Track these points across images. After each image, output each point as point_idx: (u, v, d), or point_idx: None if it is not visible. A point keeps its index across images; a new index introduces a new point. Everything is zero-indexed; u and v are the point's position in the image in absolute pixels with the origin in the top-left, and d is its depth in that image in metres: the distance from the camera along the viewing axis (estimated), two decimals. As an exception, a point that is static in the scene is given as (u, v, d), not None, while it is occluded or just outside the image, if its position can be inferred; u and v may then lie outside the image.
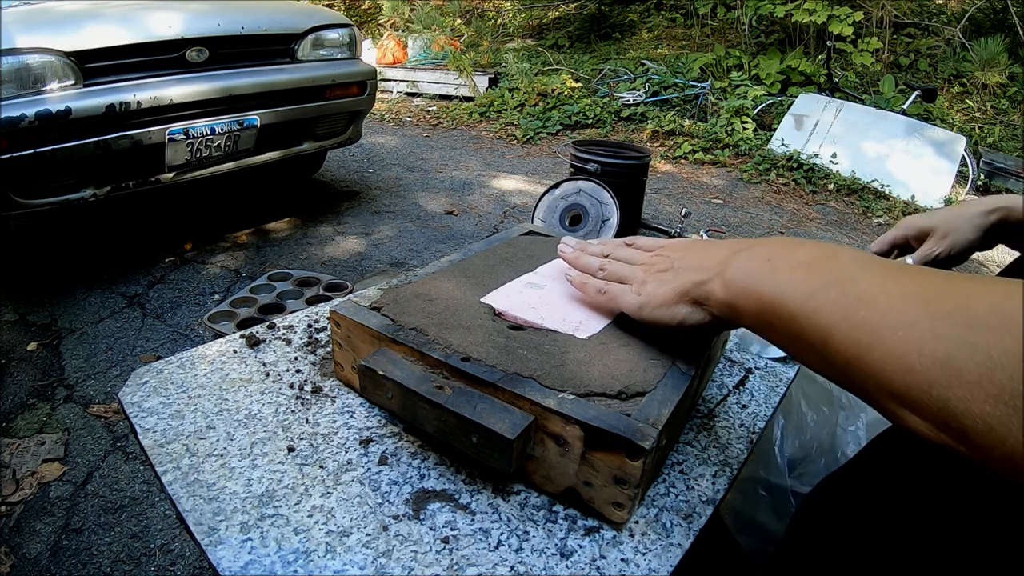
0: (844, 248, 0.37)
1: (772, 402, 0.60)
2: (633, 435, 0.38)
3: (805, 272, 0.36)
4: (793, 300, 0.35)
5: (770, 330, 0.38)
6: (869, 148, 4.05)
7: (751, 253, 0.40)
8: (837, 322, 0.32)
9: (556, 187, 2.64)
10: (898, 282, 0.31)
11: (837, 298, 0.33)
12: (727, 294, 0.40)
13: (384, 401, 0.46)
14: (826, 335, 0.32)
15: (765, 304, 0.37)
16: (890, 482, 0.43)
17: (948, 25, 5.35)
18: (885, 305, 0.30)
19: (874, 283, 0.32)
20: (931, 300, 0.29)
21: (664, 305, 0.45)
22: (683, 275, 0.44)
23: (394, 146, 4.50)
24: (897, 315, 0.29)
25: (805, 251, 0.38)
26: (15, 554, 1.21)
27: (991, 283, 0.28)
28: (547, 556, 0.39)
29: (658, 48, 6.13)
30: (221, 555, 0.37)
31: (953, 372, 0.26)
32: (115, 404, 1.64)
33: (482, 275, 0.60)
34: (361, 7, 8.24)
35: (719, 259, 0.42)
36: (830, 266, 0.35)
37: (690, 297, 0.43)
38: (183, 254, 2.51)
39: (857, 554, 0.42)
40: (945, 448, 0.27)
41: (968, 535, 0.36)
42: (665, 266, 0.47)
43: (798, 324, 0.34)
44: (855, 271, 0.34)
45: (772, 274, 0.37)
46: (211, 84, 2.21)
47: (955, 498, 0.37)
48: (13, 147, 1.80)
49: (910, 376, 0.28)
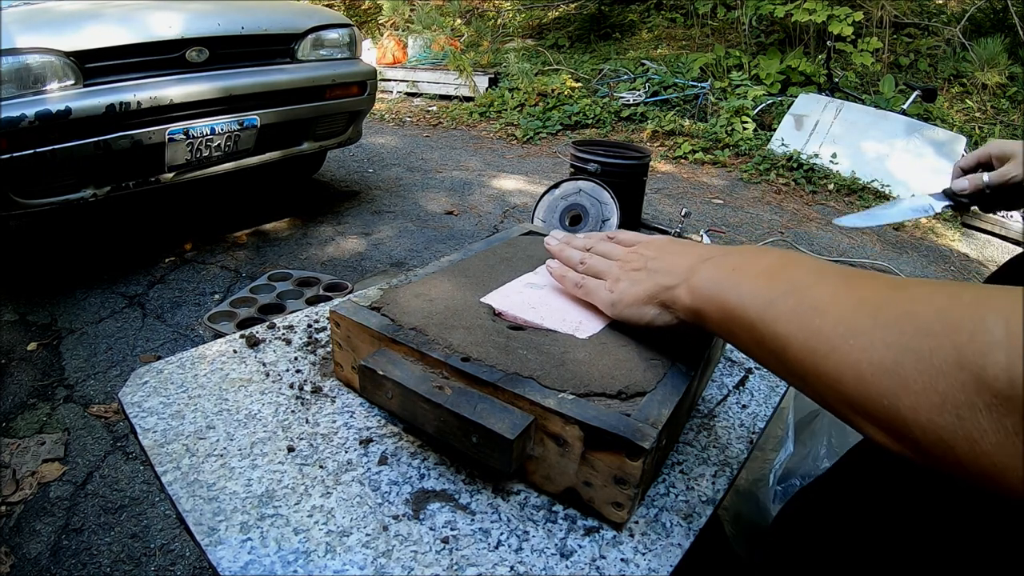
0: (805, 257, 0.38)
1: (772, 402, 0.60)
2: (633, 435, 0.38)
3: (766, 280, 0.36)
4: (753, 308, 0.36)
5: (733, 337, 0.38)
6: (869, 148, 4.05)
7: (719, 261, 0.41)
8: (794, 331, 0.32)
9: (556, 187, 2.64)
10: (851, 290, 0.31)
11: (793, 307, 0.33)
12: (692, 301, 0.41)
13: (384, 401, 0.46)
14: (784, 343, 0.33)
15: (728, 312, 0.38)
16: (864, 492, 0.43)
17: (948, 25, 5.35)
18: (836, 314, 0.30)
19: (828, 292, 0.32)
20: (880, 307, 0.29)
21: (634, 305, 0.46)
22: (653, 277, 0.45)
23: (394, 146, 4.50)
24: (848, 323, 0.29)
25: (767, 260, 0.38)
26: (15, 554, 1.21)
27: (941, 288, 0.28)
28: (547, 556, 0.39)
29: (658, 48, 6.13)
30: (221, 555, 0.37)
31: (901, 381, 0.26)
32: (115, 404, 1.64)
33: (482, 275, 0.60)
34: (361, 7, 8.24)
35: (687, 265, 0.43)
36: (788, 274, 0.36)
37: (658, 300, 0.44)
38: (183, 254, 2.51)
39: (832, 563, 0.42)
40: (904, 457, 0.27)
41: (942, 542, 0.36)
42: (639, 265, 0.47)
43: (758, 332, 0.35)
44: (811, 280, 0.34)
45: (736, 283, 0.38)
46: (211, 84, 2.21)
47: (929, 506, 0.37)
48: (13, 147, 1.80)
49: (862, 386, 0.28)
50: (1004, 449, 0.22)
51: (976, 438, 0.23)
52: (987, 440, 0.23)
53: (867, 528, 0.41)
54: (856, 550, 0.40)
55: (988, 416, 0.23)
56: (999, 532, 0.33)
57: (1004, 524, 0.32)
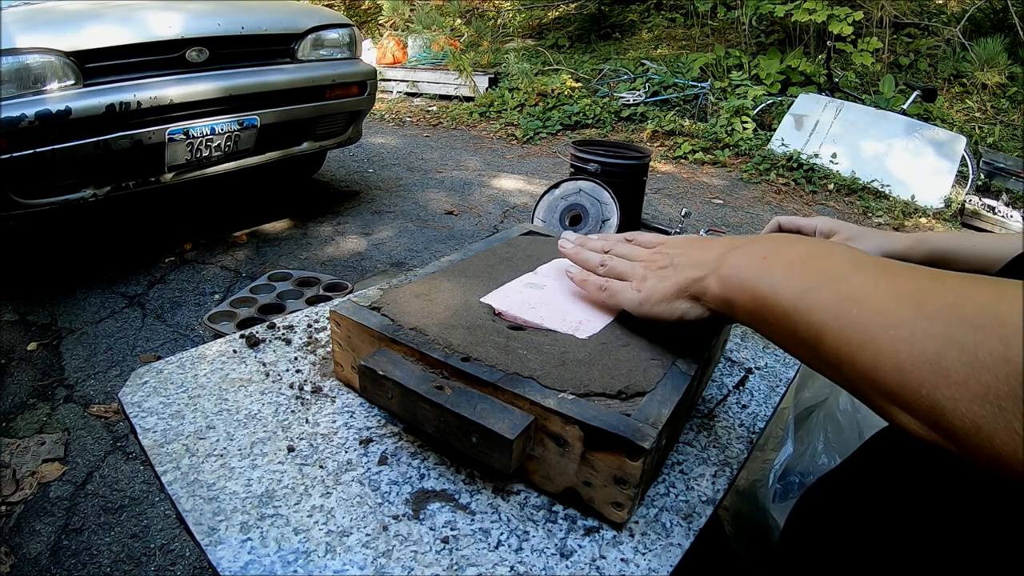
0: (839, 246, 0.38)
1: (772, 402, 0.60)
2: (633, 435, 0.38)
3: (799, 269, 0.36)
4: (786, 297, 0.35)
5: (765, 326, 0.38)
6: (869, 148, 4.05)
7: (747, 249, 0.41)
8: (829, 320, 0.32)
9: (556, 187, 2.64)
10: (890, 281, 0.31)
11: (829, 296, 0.33)
12: (722, 289, 0.41)
13: (384, 401, 0.46)
14: (819, 333, 0.33)
15: (759, 300, 0.37)
16: (884, 481, 0.43)
17: (948, 25, 5.35)
18: (876, 304, 0.30)
19: (867, 282, 0.32)
20: (922, 299, 0.29)
21: (664, 301, 0.45)
22: (681, 271, 0.45)
23: (394, 146, 4.50)
24: (888, 314, 0.30)
25: (800, 249, 0.38)
26: (15, 554, 1.21)
27: (983, 283, 0.28)
28: (547, 556, 0.39)
29: (658, 48, 6.13)
30: (221, 555, 0.37)
31: (942, 372, 0.26)
32: (115, 404, 1.64)
33: (482, 275, 0.60)
34: (361, 7, 8.24)
35: (716, 255, 0.43)
36: (824, 264, 0.35)
37: (688, 293, 0.44)
38: (183, 254, 2.51)
39: (851, 553, 0.42)
40: (937, 446, 0.28)
41: (963, 534, 0.36)
42: (665, 263, 0.47)
43: (791, 321, 0.35)
44: (848, 269, 0.34)
45: (767, 271, 0.38)
46: (211, 84, 2.21)
47: (950, 497, 0.37)
48: (13, 147, 1.80)
49: (900, 375, 0.28)
50: None
51: (1017, 429, 0.24)
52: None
53: (891, 514, 0.41)
54: (879, 536, 0.40)
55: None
56: (1014, 529, 0.33)
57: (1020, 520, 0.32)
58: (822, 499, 0.50)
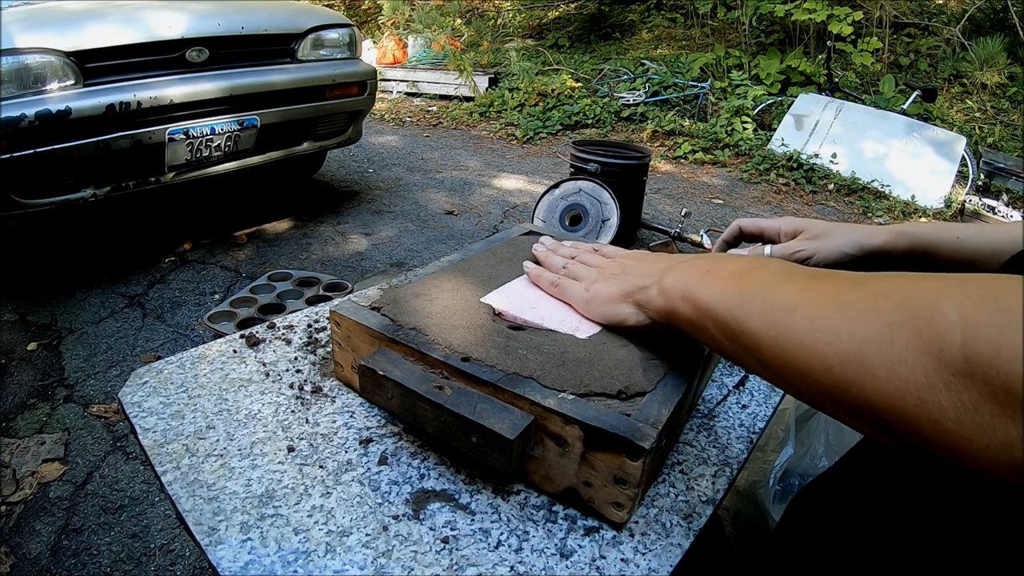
0: (773, 260, 0.40)
1: (772, 402, 0.60)
2: (633, 435, 0.38)
3: (737, 281, 0.38)
4: (724, 306, 0.37)
5: (706, 335, 0.40)
6: (869, 148, 4.05)
7: (691, 264, 0.43)
8: (764, 328, 0.34)
9: (556, 187, 2.64)
10: (817, 288, 0.33)
11: (763, 304, 0.35)
12: (664, 300, 0.43)
13: (384, 401, 0.46)
14: (756, 341, 0.34)
15: (700, 310, 0.39)
16: (875, 481, 0.43)
17: (948, 25, 5.35)
18: (804, 310, 0.32)
19: (795, 290, 0.34)
20: (845, 302, 0.30)
21: (608, 303, 0.48)
22: (628, 279, 0.48)
23: (394, 146, 4.50)
24: (814, 319, 0.31)
25: (739, 263, 0.41)
26: (15, 554, 1.21)
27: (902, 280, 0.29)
28: (547, 556, 0.39)
29: (658, 48, 6.13)
30: (221, 555, 0.37)
31: (865, 369, 0.27)
32: (115, 404, 1.64)
33: (482, 275, 0.60)
34: (361, 7, 8.24)
35: (662, 267, 0.46)
36: (758, 275, 0.37)
37: (633, 299, 0.47)
38: (183, 254, 2.51)
39: (842, 552, 0.42)
40: (891, 444, 0.29)
41: (953, 535, 0.36)
42: (616, 271, 0.50)
43: (731, 330, 0.36)
44: (779, 279, 0.36)
45: (707, 283, 0.40)
46: (211, 84, 2.21)
47: (939, 498, 0.37)
48: (13, 147, 1.80)
49: (830, 376, 0.29)
50: (964, 425, 0.24)
51: (938, 417, 0.25)
52: (948, 419, 0.24)
53: (880, 516, 0.41)
54: (861, 546, 0.40)
55: (947, 395, 0.24)
56: (1003, 526, 0.33)
57: (1008, 518, 0.32)
58: (815, 498, 0.50)
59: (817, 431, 0.84)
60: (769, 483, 0.82)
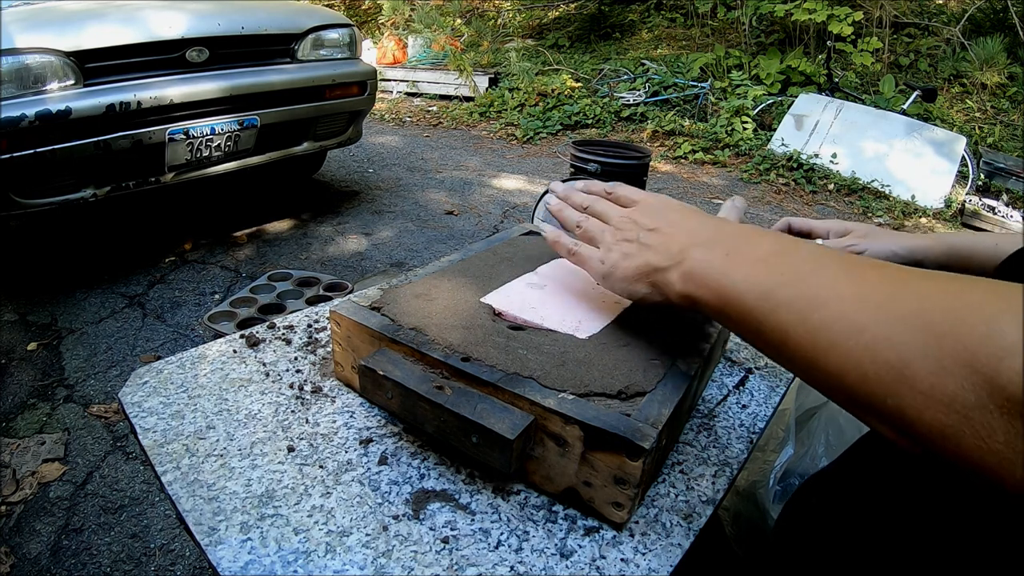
0: (802, 243, 0.37)
1: (772, 402, 0.60)
2: (633, 435, 0.38)
3: (762, 268, 0.35)
4: (749, 297, 0.35)
5: (731, 323, 0.37)
6: (869, 148, 4.05)
7: (710, 247, 0.40)
8: (793, 323, 0.32)
9: (556, 187, 2.64)
10: (852, 282, 0.31)
11: (792, 297, 0.32)
12: (685, 287, 0.40)
13: (384, 401, 0.46)
14: (784, 335, 0.32)
15: (723, 299, 0.37)
16: (874, 480, 0.43)
17: (948, 25, 5.35)
18: (837, 308, 0.30)
19: (828, 283, 0.31)
20: (884, 304, 0.28)
21: (625, 280, 0.45)
22: (644, 254, 0.44)
23: (394, 146, 4.50)
24: (850, 320, 0.29)
25: (765, 244, 0.38)
26: (15, 554, 1.21)
27: (948, 284, 0.27)
28: (547, 556, 0.39)
29: (658, 48, 6.13)
30: (221, 555, 0.37)
31: (906, 381, 0.26)
32: (115, 404, 1.64)
33: (482, 275, 0.60)
34: (361, 7, 8.24)
35: (680, 247, 0.42)
36: (786, 262, 0.35)
37: (650, 280, 0.43)
38: (183, 254, 2.51)
39: (840, 550, 0.42)
40: (911, 449, 0.27)
41: (950, 534, 0.36)
42: (631, 236, 0.46)
43: (756, 321, 0.34)
44: (809, 268, 0.33)
45: (730, 269, 0.37)
46: (211, 84, 2.21)
47: (938, 496, 0.37)
48: (13, 147, 1.80)
49: (865, 384, 0.27)
50: (1012, 448, 0.22)
51: (984, 436, 0.23)
52: (995, 439, 0.23)
53: (878, 513, 0.41)
54: (857, 544, 0.40)
55: (999, 418, 0.23)
56: (1002, 528, 0.33)
57: (1004, 516, 0.32)
58: (811, 497, 0.50)
59: (817, 431, 0.84)
60: (769, 483, 0.82)
